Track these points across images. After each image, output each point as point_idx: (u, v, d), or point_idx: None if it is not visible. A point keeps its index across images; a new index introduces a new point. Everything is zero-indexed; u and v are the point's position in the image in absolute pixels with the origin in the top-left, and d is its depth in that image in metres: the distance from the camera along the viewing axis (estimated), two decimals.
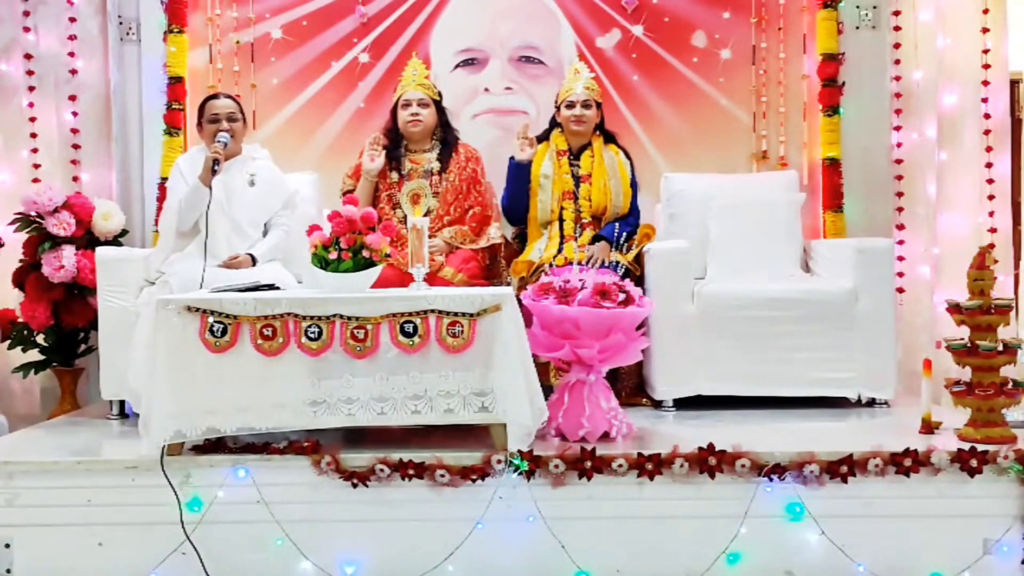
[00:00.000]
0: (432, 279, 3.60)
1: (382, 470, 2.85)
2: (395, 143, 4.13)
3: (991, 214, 4.57)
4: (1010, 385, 3.08)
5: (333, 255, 2.97)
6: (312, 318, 2.88)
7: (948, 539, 2.87)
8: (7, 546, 2.88)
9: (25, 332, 4.34)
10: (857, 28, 4.78)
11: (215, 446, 2.94)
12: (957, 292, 3.34)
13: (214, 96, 3.90)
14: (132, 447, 3.01)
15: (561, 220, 4.13)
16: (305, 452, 2.89)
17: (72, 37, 4.64)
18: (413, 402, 2.89)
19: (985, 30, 4.56)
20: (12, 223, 4.34)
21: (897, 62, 4.75)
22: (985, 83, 4.56)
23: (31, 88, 4.62)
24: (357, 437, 3.09)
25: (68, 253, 4.21)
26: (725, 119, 4.85)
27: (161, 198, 4.46)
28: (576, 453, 2.88)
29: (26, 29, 4.62)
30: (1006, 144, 4.61)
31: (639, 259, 3.97)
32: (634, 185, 4.22)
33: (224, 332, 2.87)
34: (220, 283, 3.28)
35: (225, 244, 3.69)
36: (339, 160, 4.51)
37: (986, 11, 4.57)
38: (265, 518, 2.85)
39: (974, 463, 2.86)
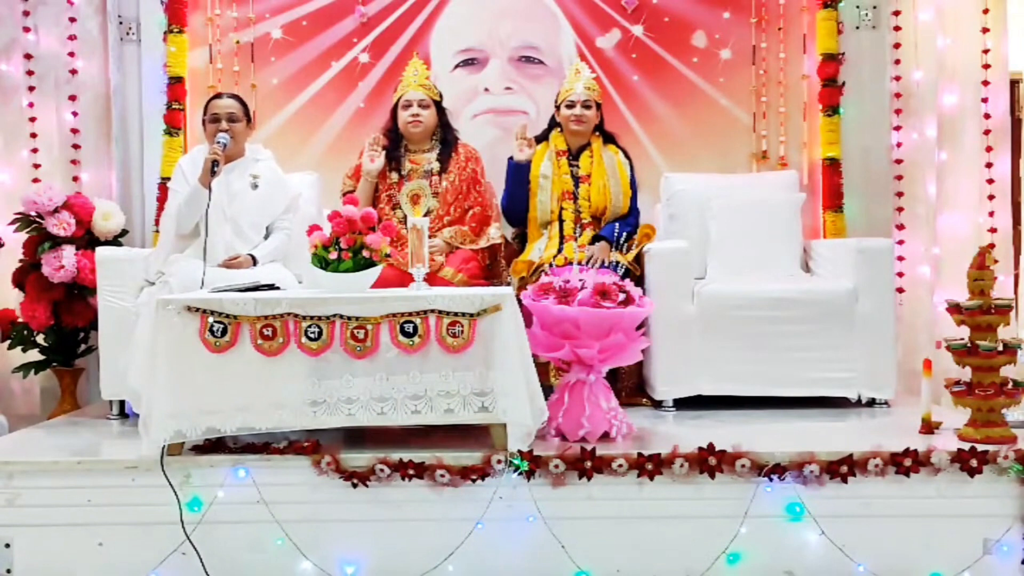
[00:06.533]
0: (432, 279, 3.59)
1: (382, 470, 2.85)
2: (395, 143, 4.13)
3: (991, 214, 4.56)
4: (1010, 385, 3.08)
5: (333, 255, 2.97)
6: (312, 318, 2.88)
7: (948, 539, 2.87)
8: (7, 546, 2.88)
9: (25, 332, 4.34)
10: (857, 28, 4.79)
11: (215, 446, 2.94)
12: (957, 292, 3.34)
13: (218, 95, 3.90)
14: (132, 447, 3.00)
15: (561, 220, 4.12)
16: (305, 452, 2.89)
17: (72, 37, 4.64)
18: (413, 402, 2.89)
19: (985, 30, 4.56)
20: (12, 223, 4.34)
21: (897, 62, 4.75)
22: (985, 83, 4.55)
23: (31, 88, 4.61)
24: (357, 437, 3.09)
25: (68, 253, 4.21)
26: (725, 119, 4.85)
27: (161, 198, 4.46)
28: (576, 453, 2.88)
29: (26, 29, 4.61)
30: (1006, 144, 4.60)
31: (639, 259, 3.97)
32: (634, 185, 4.22)
33: (224, 332, 2.87)
34: (220, 283, 3.28)
35: (224, 246, 3.68)
36: (339, 160, 4.51)
37: (986, 11, 4.57)
38: (265, 518, 2.85)
39: (974, 463, 2.86)
